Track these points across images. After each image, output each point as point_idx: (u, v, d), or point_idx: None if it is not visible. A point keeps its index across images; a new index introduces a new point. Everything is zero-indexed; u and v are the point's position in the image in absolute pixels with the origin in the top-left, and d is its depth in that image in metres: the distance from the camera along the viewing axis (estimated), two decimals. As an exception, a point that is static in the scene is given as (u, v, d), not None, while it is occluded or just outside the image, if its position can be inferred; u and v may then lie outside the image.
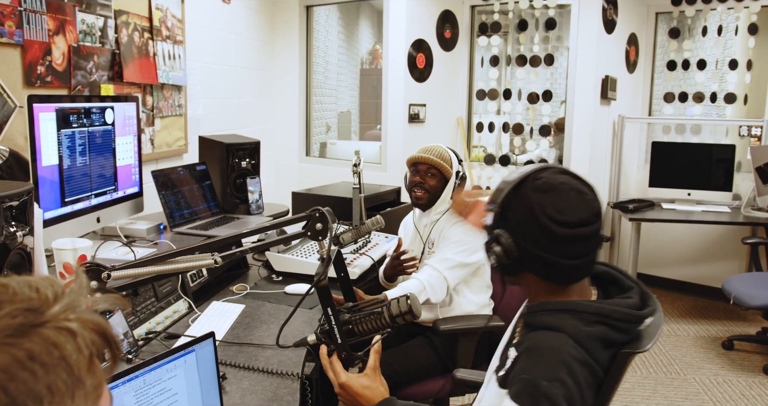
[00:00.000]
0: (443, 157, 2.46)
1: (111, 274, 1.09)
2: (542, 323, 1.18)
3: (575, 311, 1.17)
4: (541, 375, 1.08)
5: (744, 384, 3.46)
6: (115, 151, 2.35)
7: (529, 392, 1.08)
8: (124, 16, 2.83)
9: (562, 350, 1.10)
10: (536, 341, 1.14)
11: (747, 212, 4.27)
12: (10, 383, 0.44)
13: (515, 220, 1.19)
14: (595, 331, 1.14)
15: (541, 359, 1.10)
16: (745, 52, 4.54)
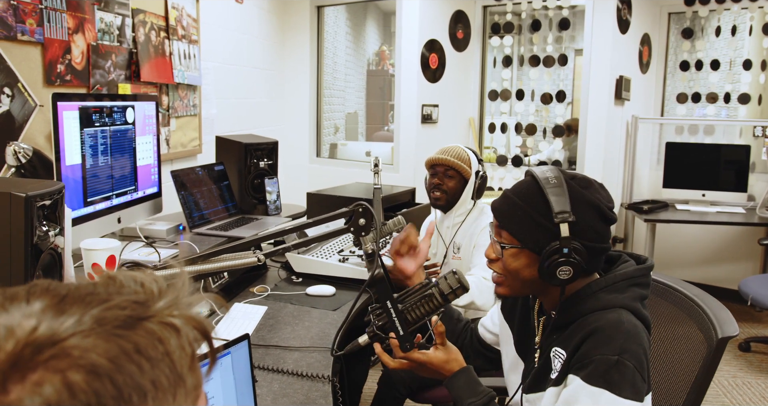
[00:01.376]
0: (461, 158, 2.43)
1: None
2: (588, 309, 1.22)
3: (607, 287, 1.23)
4: (610, 351, 1.13)
5: (763, 386, 3.43)
6: (136, 150, 2.33)
7: (602, 370, 1.13)
8: (141, 14, 2.81)
9: (621, 322, 1.17)
10: (594, 324, 1.18)
11: (762, 212, 4.23)
12: (118, 375, 0.42)
13: (582, 223, 1.20)
14: (632, 295, 1.23)
15: (606, 337, 1.15)
16: (759, 52, 4.51)
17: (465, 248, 2.45)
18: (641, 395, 1.14)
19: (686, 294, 1.51)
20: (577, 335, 1.20)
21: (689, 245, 4.77)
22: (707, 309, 1.41)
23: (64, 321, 0.43)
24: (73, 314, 0.43)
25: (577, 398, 1.15)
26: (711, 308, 1.41)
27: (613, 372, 1.12)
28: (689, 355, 1.43)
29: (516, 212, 1.24)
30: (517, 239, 1.24)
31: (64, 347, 0.41)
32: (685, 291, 1.52)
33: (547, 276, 1.21)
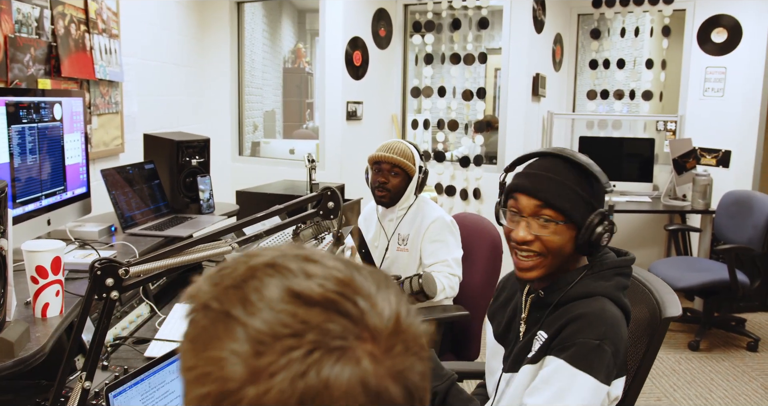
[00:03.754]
0: (406, 155, 2.45)
1: (129, 270, 1.03)
2: (575, 294, 1.30)
3: (594, 274, 1.31)
4: (592, 336, 1.22)
5: (673, 360, 3.70)
6: (64, 149, 2.22)
7: (583, 352, 1.22)
8: (60, 6, 2.67)
9: (605, 311, 1.26)
10: (579, 311, 1.27)
11: (666, 201, 4.56)
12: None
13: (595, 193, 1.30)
14: (616, 284, 1.31)
15: (588, 324, 1.24)
16: (660, 52, 4.85)
17: (413, 239, 2.48)
18: (611, 380, 1.24)
19: (637, 278, 1.60)
20: (562, 320, 1.28)
21: (601, 234, 5.05)
22: (655, 291, 1.52)
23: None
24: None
25: (557, 376, 1.23)
26: (659, 290, 1.52)
27: (593, 356, 1.21)
28: (634, 335, 1.53)
29: (560, 189, 1.28)
30: (564, 214, 1.28)
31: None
32: (637, 275, 1.62)
33: (587, 247, 1.28)
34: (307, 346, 0.41)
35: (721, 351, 3.86)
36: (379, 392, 0.42)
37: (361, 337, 0.43)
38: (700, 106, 4.67)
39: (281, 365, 0.41)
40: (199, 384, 0.43)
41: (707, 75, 4.61)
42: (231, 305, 0.44)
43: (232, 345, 0.42)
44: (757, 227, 3.77)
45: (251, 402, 0.41)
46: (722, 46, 4.55)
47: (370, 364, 0.42)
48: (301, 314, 0.43)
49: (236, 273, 0.46)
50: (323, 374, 0.41)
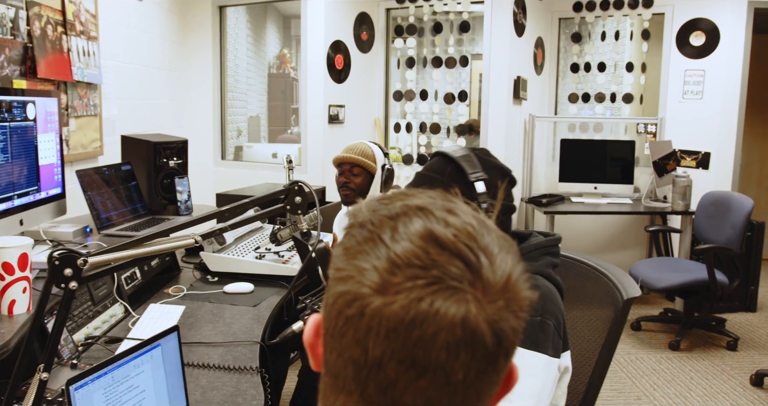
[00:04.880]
0: (365, 154, 2.51)
1: (88, 260, 1.03)
2: None
3: (523, 255, 1.30)
4: (533, 313, 1.20)
5: (653, 360, 3.72)
6: (37, 149, 2.21)
7: (527, 331, 1.21)
8: (36, 7, 2.67)
9: (538, 286, 1.25)
10: None
11: (647, 202, 4.60)
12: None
13: (492, 181, 1.33)
14: (544, 262, 1.35)
15: None
16: (640, 55, 4.90)
17: None
18: (559, 352, 1.26)
19: (591, 265, 1.64)
20: None
21: (585, 235, 5.10)
22: (611, 276, 1.56)
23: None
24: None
25: None
26: (615, 274, 1.56)
27: (538, 332, 1.22)
28: (599, 320, 1.55)
29: (432, 184, 1.33)
30: None
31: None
32: (591, 262, 1.65)
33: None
34: (429, 278, 0.50)
35: (701, 350, 3.88)
36: (474, 331, 0.50)
37: (474, 285, 0.51)
38: (680, 109, 4.72)
39: (406, 287, 0.50)
40: (342, 283, 0.53)
41: (686, 78, 4.66)
42: (382, 231, 0.54)
43: (374, 261, 0.52)
44: (736, 227, 3.81)
45: (375, 309, 0.51)
46: (701, 49, 4.61)
47: (475, 308, 0.50)
48: (433, 252, 0.52)
49: (393, 206, 0.56)
50: (435, 305, 0.50)
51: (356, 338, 0.52)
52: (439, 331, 0.50)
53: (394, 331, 0.50)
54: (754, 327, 4.27)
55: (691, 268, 4.01)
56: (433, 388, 0.51)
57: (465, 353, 0.51)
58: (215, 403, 1.53)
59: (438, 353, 0.50)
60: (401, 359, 0.50)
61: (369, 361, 0.52)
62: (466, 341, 0.50)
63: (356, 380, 0.53)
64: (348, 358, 0.53)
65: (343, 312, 0.53)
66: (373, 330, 0.51)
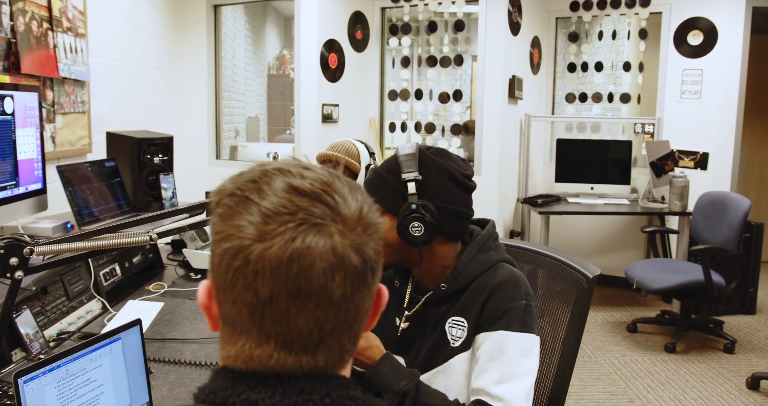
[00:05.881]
0: (349, 153, 2.46)
1: (34, 249, 1.00)
2: (475, 272, 1.34)
3: (480, 249, 1.36)
4: (516, 298, 1.28)
5: (649, 362, 3.67)
6: (15, 143, 2.19)
7: (516, 315, 1.26)
8: (20, 3, 2.65)
9: (513, 272, 1.35)
10: (492, 282, 1.31)
11: (644, 203, 4.55)
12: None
13: (432, 185, 1.31)
14: (501, 248, 1.39)
15: (509, 289, 1.29)
16: (637, 55, 4.86)
17: None
18: (539, 330, 1.32)
19: (541, 252, 1.67)
20: (478, 298, 1.31)
21: (581, 236, 5.05)
22: (565, 259, 1.60)
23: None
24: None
25: (503, 347, 1.25)
26: (567, 257, 1.60)
27: (525, 315, 1.27)
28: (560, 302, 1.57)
29: (377, 180, 1.36)
30: (378, 203, 1.33)
31: None
32: (540, 250, 1.68)
33: (402, 234, 1.30)
34: (297, 221, 0.60)
35: (698, 353, 3.83)
36: (343, 257, 0.61)
37: (335, 219, 0.62)
38: (678, 109, 4.67)
39: (279, 231, 0.59)
40: (224, 241, 0.61)
41: (684, 77, 4.62)
42: (249, 192, 0.62)
43: (248, 217, 0.61)
44: (732, 228, 3.76)
45: (258, 255, 0.59)
46: (698, 48, 4.56)
47: (339, 237, 0.61)
48: (296, 200, 0.61)
49: (254, 172, 0.65)
50: (306, 241, 0.60)
51: (246, 284, 0.60)
52: (315, 260, 0.59)
53: (277, 269, 0.59)
54: (753, 330, 4.21)
55: (688, 269, 3.96)
56: (320, 309, 0.61)
57: (339, 274, 0.61)
58: (181, 399, 1.50)
59: (317, 278, 0.60)
60: (288, 290, 0.60)
61: (261, 300, 0.60)
62: (338, 264, 0.60)
63: (252, 320, 0.61)
64: (242, 303, 0.61)
65: (231, 265, 0.61)
66: (259, 273, 0.59)
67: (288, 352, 0.62)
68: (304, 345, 0.62)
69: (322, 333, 0.62)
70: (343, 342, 0.64)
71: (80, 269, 2.10)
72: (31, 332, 1.76)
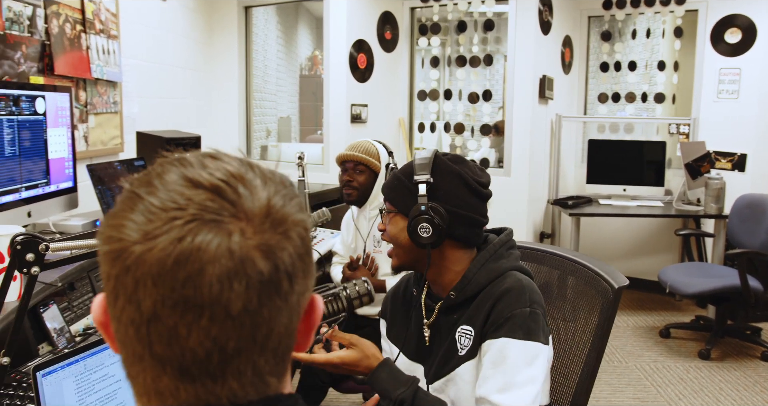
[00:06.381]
0: (369, 152, 2.46)
1: (50, 245, 1.02)
2: (485, 280, 1.33)
3: (491, 257, 1.35)
4: (521, 305, 1.26)
5: (681, 369, 3.58)
6: (47, 142, 2.24)
7: (520, 322, 1.24)
8: (54, 6, 2.72)
9: (521, 281, 1.30)
10: (498, 290, 1.29)
11: (678, 205, 4.44)
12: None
13: (444, 188, 1.32)
14: (514, 256, 1.38)
15: (513, 296, 1.27)
16: (672, 54, 4.75)
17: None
18: (548, 340, 1.29)
19: (569, 258, 1.62)
20: (485, 306, 1.29)
21: (613, 238, 4.96)
22: (593, 267, 1.55)
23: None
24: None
25: (505, 355, 1.23)
26: (596, 265, 1.55)
27: (530, 321, 1.24)
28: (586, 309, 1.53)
29: (394, 182, 1.38)
30: (392, 204, 1.37)
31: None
32: (568, 255, 1.64)
33: (412, 235, 1.31)
34: (187, 217, 0.50)
35: (733, 360, 3.72)
36: (244, 260, 0.50)
37: (237, 216, 0.51)
38: (714, 109, 4.55)
39: (164, 230, 0.49)
40: (105, 243, 0.52)
41: (721, 76, 4.50)
42: (138, 187, 0.53)
43: (131, 215, 0.51)
44: (771, 231, 3.64)
45: (137, 258, 0.49)
46: (736, 46, 4.43)
47: (239, 237, 0.50)
48: (188, 193, 0.51)
49: (152, 166, 0.56)
50: (197, 240, 0.49)
51: (127, 296, 0.50)
52: (205, 265, 0.49)
53: (159, 276, 0.49)
54: (792, 337, 4.08)
55: (723, 273, 3.85)
56: (216, 325, 0.50)
57: (238, 282, 0.50)
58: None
59: (209, 288, 0.49)
60: (174, 303, 0.49)
61: (144, 315, 0.50)
62: (236, 270, 0.50)
63: (140, 340, 0.50)
64: (126, 320, 0.51)
65: (110, 273, 0.51)
66: (140, 282, 0.49)
67: (188, 382, 0.51)
68: (205, 371, 0.51)
69: (224, 354, 0.50)
70: (258, 365, 0.53)
71: (107, 266, 2.14)
72: (58, 326, 1.79)
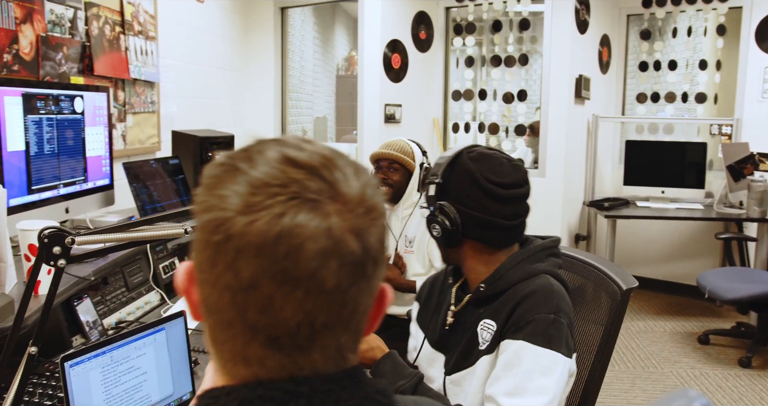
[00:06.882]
0: (404, 151, 2.46)
1: (75, 239, 1.05)
2: (516, 278, 1.29)
3: (529, 257, 1.32)
4: (547, 310, 1.21)
5: (720, 376, 3.48)
6: (85, 141, 2.30)
7: (541, 327, 1.20)
8: (94, 8, 2.79)
9: (551, 284, 1.26)
10: (526, 289, 1.26)
11: (719, 208, 4.32)
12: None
13: (455, 189, 1.30)
14: (551, 263, 1.33)
15: (540, 299, 1.23)
16: (714, 52, 4.62)
17: (418, 241, 2.46)
18: (572, 352, 1.23)
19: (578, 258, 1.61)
20: (510, 303, 1.26)
21: (650, 241, 4.85)
22: (603, 268, 1.52)
23: None
24: None
25: (521, 358, 1.19)
26: (606, 266, 1.53)
27: (552, 329, 1.19)
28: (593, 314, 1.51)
29: (426, 180, 1.37)
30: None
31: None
32: (577, 255, 1.62)
33: (430, 233, 1.33)
34: (289, 194, 0.53)
35: (775, 369, 3.60)
36: (339, 240, 0.53)
37: (333, 198, 0.54)
38: (759, 109, 4.41)
39: (267, 205, 0.52)
40: (205, 213, 0.54)
41: (766, 76, 4.36)
42: (239, 161, 0.56)
43: (234, 186, 0.54)
44: (816, 236, 3.52)
45: (239, 229, 0.52)
46: (783, 45, 4.29)
47: (336, 218, 0.53)
48: (289, 172, 0.54)
49: (249, 143, 0.59)
50: (297, 218, 0.52)
51: (227, 263, 0.53)
52: (305, 241, 0.51)
53: (261, 247, 0.52)
54: (839, 346, 3.93)
55: (766, 279, 3.73)
56: (310, 299, 0.52)
57: (334, 260, 0.52)
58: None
59: (307, 263, 0.52)
60: (273, 274, 0.52)
61: (243, 283, 0.52)
62: (332, 249, 0.52)
63: (235, 307, 0.53)
64: (222, 286, 0.53)
65: (210, 240, 0.53)
66: (241, 251, 0.52)
67: (275, 351, 0.54)
68: (293, 343, 0.54)
69: (313, 329, 0.53)
70: (341, 341, 0.56)
71: (140, 262, 2.19)
72: (91, 319, 1.85)
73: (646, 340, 4.00)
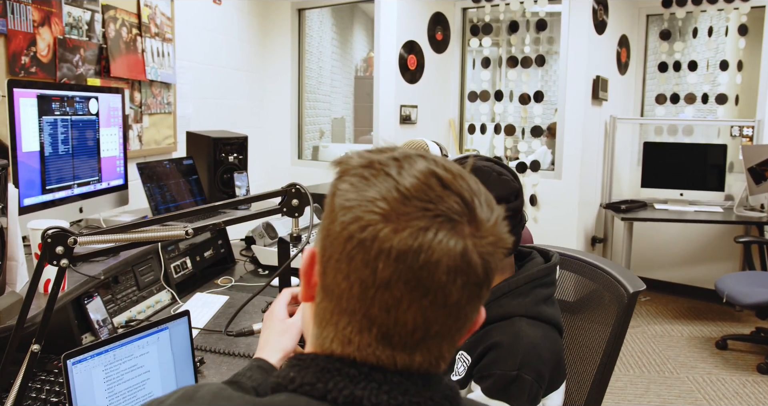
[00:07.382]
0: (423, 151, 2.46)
1: (78, 239, 1.07)
2: (491, 317, 1.23)
3: (511, 291, 1.26)
4: (509, 367, 1.17)
5: (738, 382, 3.43)
6: (99, 141, 2.34)
7: (501, 385, 1.17)
8: (111, 11, 2.84)
9: (520, 337, 1.20)
10: (495, 338, 1.21)
11: (740, 211, 4.25)
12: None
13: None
14: (535, 298, 1.26)
15: (504, 354, 1.18)
16: (736, 53, 4.55)
17: None
18: (537, 402, 1.19)
19: (587, 261, 1.59)
20: (481, 345, 1.24)
21: (668, 245, 4.79)
22: (611, 271, 1.50)
23: None
24: None
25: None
26: (614, 269, 1.51)
27: (513, 387, 1.16)
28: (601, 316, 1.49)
29: None
30: None
31: None
32: (586, 258, 1.60)
33: None
34: (436, 211, 0.58)
35: (795, 375, 3.53)
36: (470, 261, 0.58)
37: (471, 222, 0.59)
38: (781, 111, 4.33)
39: (415, 216, 0.57)
40: (352, 211, 0.59)
41: (789, 77, 4.28)
42: (389, 168, 0.60)
43: (384, 191, 0.59)
44: (838, 241, 3.44)
45: (386, 234, 0.57)
46: (806, 45, 4.21)
47: (470, 241, 0.58)
48: (437, 189, 0.59)
49: (395, 152, 0.63)
50: (439, 235, 0.57)
51: (366, 260, 0.58)
52: (442, 257, 0.57)
53: (403, 254, 0.57)
54: None
55: (786, 284, 3.66)
56: (433, 308, 0.58)
57: (461, 278, 0.58)
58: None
59: (440, 276, 0.57)
60: (408, 279, 0.57)
61: (377, 281, 0.58)
62: (463, 268, 0.58)
63: (362, 300, 0.59)
64: (356, 279, 0.59)
65: (353, 236, 0.58)
66: (383, 253, 0.57)
67: (385, 345, 0.60)
68: (404, 342, 0.59)
69: (427, 334, 0.59)
70: (443, 349, 0.62)
71: (152, 261, 2.22)
72: (101, 318, 1.87)
73: (662, 344, 3.95)
